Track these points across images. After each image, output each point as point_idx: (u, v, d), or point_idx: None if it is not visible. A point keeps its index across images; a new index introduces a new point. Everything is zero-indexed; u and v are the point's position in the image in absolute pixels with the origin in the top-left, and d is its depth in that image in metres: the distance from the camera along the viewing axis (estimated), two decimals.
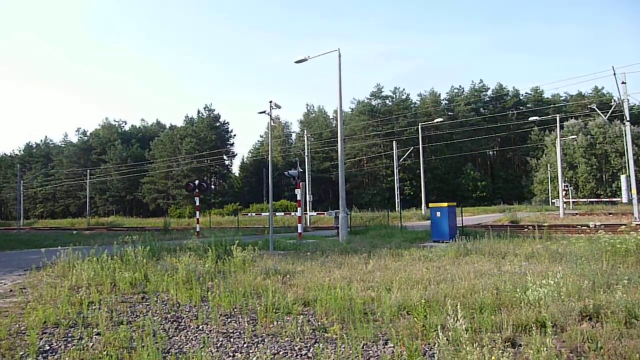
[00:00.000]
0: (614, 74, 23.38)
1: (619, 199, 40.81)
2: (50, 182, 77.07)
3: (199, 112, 74.45)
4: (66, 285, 7.17)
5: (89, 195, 62.14)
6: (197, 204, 22.69)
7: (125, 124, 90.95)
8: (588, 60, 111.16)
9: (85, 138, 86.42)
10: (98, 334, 4.81)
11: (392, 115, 69.78)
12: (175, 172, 68.83)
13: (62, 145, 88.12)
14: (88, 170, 62.80)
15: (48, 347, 4.47)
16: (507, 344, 4.14)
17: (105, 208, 75.94)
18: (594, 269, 7.09)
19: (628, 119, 24.02)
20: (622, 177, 26.52)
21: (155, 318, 5.48)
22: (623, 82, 23.46)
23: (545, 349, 3.57)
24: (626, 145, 25.00)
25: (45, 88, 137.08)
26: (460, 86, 79.91)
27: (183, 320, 5.44)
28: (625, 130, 24.88)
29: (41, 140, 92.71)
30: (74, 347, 4.39)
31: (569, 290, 5.60)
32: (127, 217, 62.42)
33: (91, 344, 4.49)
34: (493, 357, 3.35)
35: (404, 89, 76.73)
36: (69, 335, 4.86)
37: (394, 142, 49.97)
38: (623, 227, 10.35)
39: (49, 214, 79.82)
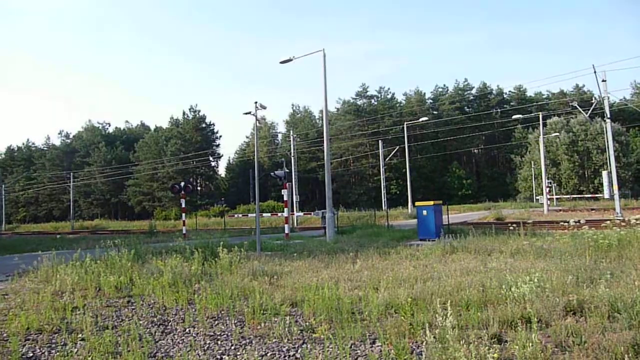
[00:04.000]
0: (595, 72, 23.82)
1: (601, 195, 41.49)
2: (32, 185, 75.62)
3: (184, 113, 73.57)
4: (49, 291, 7.04)
5: (72, 198, 61.12)
6: (183, 205, 22.56)
7: (109, 125, 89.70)
8: (569, 58, 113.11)
9: (68, 141, 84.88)
10: (83, 339, 4.74)
11: (378, 114, 70.07)
12: (160, 174, 68.04)
13: (45, 148, 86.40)
14: (71, 173, 61.75)
15: (31, 354, 4.39)
16: (493, 340, 4.18)
17: (90, 211, 74.73)
18: (578, 264, 7.20)
19: (609, 116, 24.46)
20: (604, 174, 26.96)
21: (141, 322, 5.43)
22: (603, 80, 23.89)
23: (530, 344, 3.61)
24: (607, 142, 25.45)
25: (27, 91, 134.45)
26: (444, 85, 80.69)
27: (169, 323, 5.39)
28: (606, 127, 25.37)
29: (23, 143, 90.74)
30: (58, 353, 4.32)
31: (554, 286, 5.68)
32: (112, 220, 61.57)
33: (75, 349, 4.42)
34: (479, 354, 3.37)
35: (389, 89, 77.30)
36: (53, 341, 4.77)
37: (379, 141, 50.22)
38: (608, 222, 10.50)
39: (32, 218, 78.26)
